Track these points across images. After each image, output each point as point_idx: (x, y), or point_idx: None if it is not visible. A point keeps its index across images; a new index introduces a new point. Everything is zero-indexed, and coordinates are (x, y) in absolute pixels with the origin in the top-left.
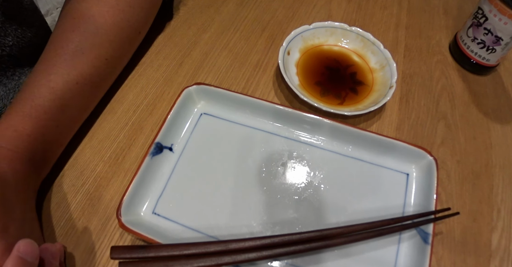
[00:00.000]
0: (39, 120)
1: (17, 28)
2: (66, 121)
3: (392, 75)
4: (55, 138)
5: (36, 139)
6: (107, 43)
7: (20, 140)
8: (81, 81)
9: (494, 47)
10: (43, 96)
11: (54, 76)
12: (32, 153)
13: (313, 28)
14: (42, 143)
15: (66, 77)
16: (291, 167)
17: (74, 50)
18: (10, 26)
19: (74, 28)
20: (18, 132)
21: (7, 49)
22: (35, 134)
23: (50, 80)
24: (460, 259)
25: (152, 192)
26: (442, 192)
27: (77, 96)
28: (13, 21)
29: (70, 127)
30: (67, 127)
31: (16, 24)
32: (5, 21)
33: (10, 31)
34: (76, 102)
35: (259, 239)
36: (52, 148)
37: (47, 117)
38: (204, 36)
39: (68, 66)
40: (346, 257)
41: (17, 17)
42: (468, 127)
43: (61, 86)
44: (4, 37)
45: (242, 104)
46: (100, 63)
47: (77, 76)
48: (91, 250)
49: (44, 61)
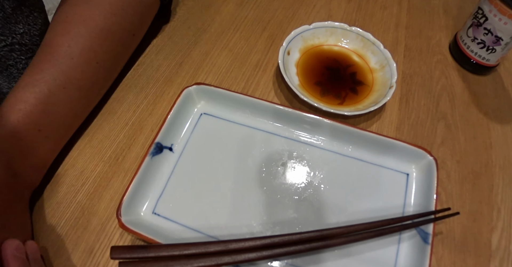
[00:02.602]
0: (18, 125)
1: (28, 15)
2: (52, 126)
3: (392, 75)
4: (37, 142)
5: (12, 143)
6: (98, 47)
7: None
8: (68, 86)
9: (494, 47)
10: (26, 101)
11: (40, 81)
12: (9, 157)
13: (313, 28)
14: (20, 148)
15: (52, 82)
16: (291, 167)
17: (64, 55)
18: (21, 13)
19: (64, 33)
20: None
21: (18, 37)
22: (11, 138)
23: (35, 85)
24: (460, 259)
25: (152, 192)
26: (442, 192)
27: (64, 101)
28: (25, 7)
29: (57, 132)
30: (53, 132)
31: (28, 10)
32: (17, 7)
33: (22, 18)
34: (63, 107)
35: (259, 239)
36: (35, 153)
37: (28, 122)
38: (204, 36)
39: (56, 71)
40: (346, 257)
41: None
42: (468, 127)
43: (46, 91)
44: (15, 24)
45: (242, 104)
46: (90, 68)
47: (64, 81)
48: (91, 250)
49: (33, 66)
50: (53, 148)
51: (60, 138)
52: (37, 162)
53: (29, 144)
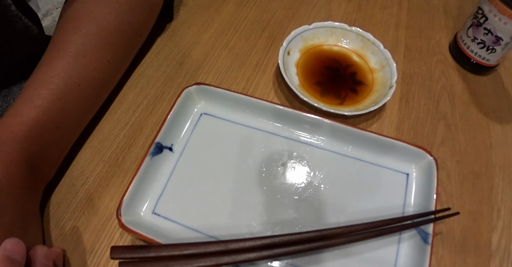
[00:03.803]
0: (37, 122)
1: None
2: (67, 123)
3: (392, 75)
4: (55, 140)
5: (33, 140)
6: (109, 46)
7: (16, 142)
8: (83, 84)
9: (494, 47)
10: (43, 98)
11: (55, 78)
12: (29, 155)
13: (313, 28)
14: (40, 145)
15: (67, 79)
16: (291, 167)
17: (76, 53)
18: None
19: (76, 30)
20: (14, 133)
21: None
22: (32, 135)
23: (51, 82)
24: (460, 259)
25: (152, 192)
26: (442, 192)
27: (78, 98)
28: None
29: (71, 129)
30: (68, 129)
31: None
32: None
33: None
34: (78, 104)
35: (259, 239)
36: (52, 150)
37: (46, 118)
38: (204, 36)
39: (70, 68)
40: (346, 257)
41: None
42: (468, 127)
43: (62, 88)
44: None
45: (242, 104)
46: (102, 66)
47: (79, 79)
48: (91, 250)
49: (46, 63)
50: (67, 144)
51: (73, 134)
52: (53, 158)
53: (47, 141)
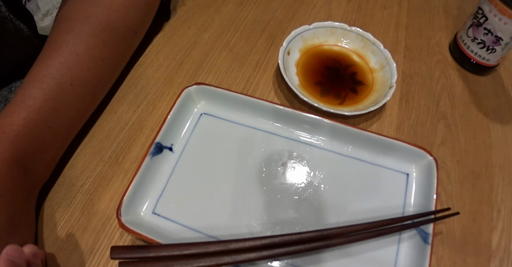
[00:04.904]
0: (28, 121)
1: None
2: (61, 123)
3: (392, 75)
4: (48, 139)
5: (24, 140)
6: (102, 44)
7: (7, 141)
8: (75, 83)
9: (494, 47)
10: (34, 97)
11: (47, 78)
12: (21, 155)
13: (313, 28)
14: (32, 145)
15: (59, 78)
16: (291, 167)
17: (69, 52)
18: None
19: (69, 30)
20: (6, 134)
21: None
22: (23, 134)
23: (43, 82)
24: (460, 259)
25: (152, 192)
26: (442, 192)
27: (71, 97)
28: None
29: (66, 129)
30: (62, 129)
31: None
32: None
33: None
34: (71, 103)
35: (259, 239)
36: (46, 150)
37: (37, 118)
38: (204, 36)
39: (62, 68)
40: (346, 257)
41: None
42: (468, 127)
43: (54, 87)
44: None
45: (242, 104)
46: (95, 65)
47: (71, 78)
48: (91, 250)
49: (39, 64)
50: (62, 144)
51: (68, 135)
52: (48, 158)
53: (40, 141)
